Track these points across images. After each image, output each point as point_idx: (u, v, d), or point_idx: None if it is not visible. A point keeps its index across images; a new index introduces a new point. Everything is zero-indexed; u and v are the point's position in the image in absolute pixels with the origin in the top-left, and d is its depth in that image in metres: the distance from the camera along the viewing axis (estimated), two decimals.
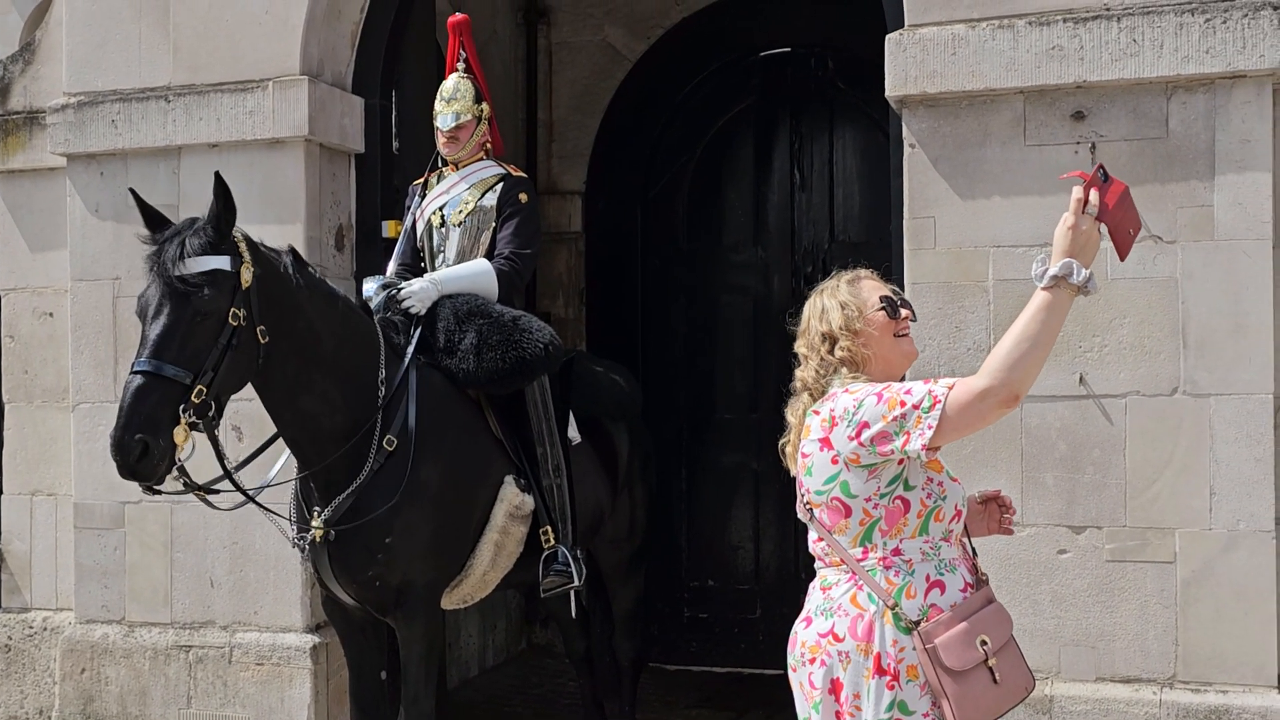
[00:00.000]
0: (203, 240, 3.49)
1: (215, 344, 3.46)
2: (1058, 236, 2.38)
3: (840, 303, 2.60)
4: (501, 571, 4.10)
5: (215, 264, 3.48)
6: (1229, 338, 3.95)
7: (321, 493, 3.87)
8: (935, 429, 2.38)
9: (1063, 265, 2.35)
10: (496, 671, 6.52)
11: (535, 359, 4.11)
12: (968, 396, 2.37)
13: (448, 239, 4.44)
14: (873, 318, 2.59)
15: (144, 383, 3.38)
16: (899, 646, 2.45)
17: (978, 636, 2.44)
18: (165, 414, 3.38)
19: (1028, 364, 2.35)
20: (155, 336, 3.42)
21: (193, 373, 3.42)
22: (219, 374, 3.48)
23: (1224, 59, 3.90)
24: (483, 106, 4.48)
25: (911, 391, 2.43)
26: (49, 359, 5.48)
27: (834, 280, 2.66)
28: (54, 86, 5.32)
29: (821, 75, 6.57)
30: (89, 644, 5.09)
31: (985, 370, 2.37)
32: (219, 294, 3.46)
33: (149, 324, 3.45)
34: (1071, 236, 2.36)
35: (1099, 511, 4.05)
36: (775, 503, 6.60)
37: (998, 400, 2.36)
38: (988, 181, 4.15)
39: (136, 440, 3.34)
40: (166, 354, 3.40)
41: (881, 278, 2.71)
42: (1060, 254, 2.36)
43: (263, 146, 4.89)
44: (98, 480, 5.03)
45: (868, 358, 2.58)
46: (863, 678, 2.47)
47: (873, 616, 2.48)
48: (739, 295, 6.72)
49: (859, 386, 2.52)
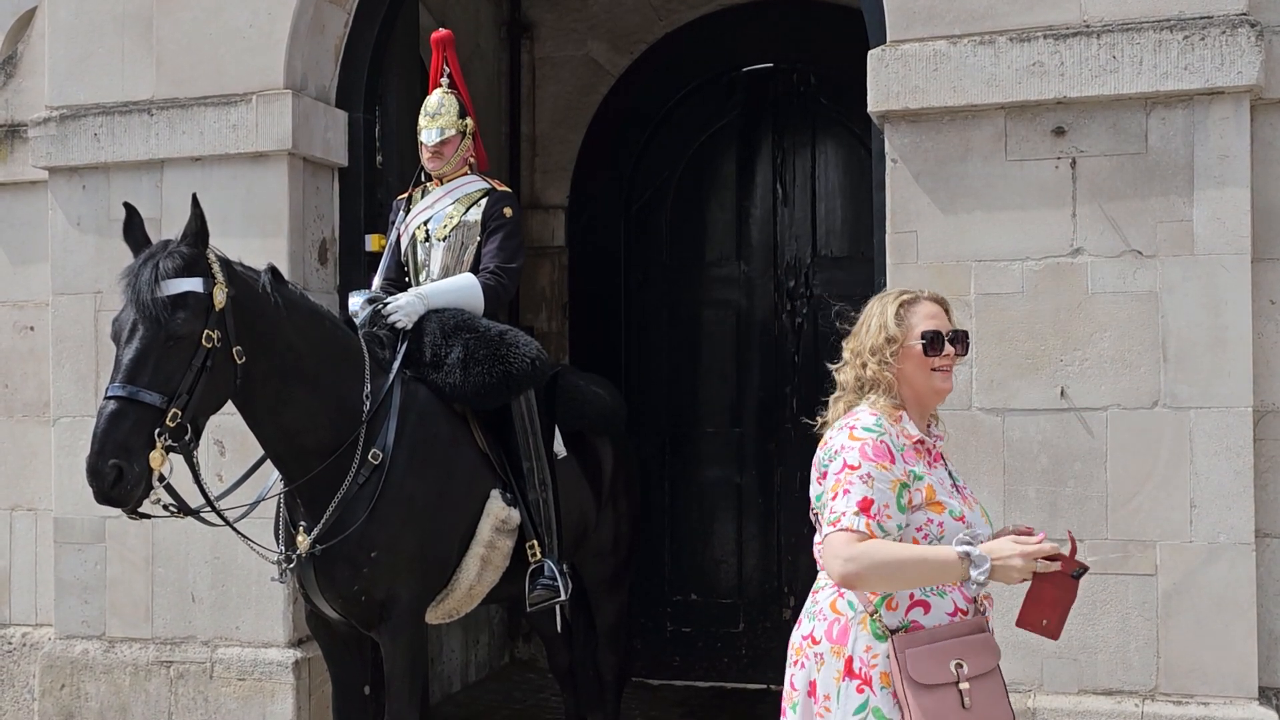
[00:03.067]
0: (176, 263, 3.47)
1: (189, 367, 3.45)
2: (1007, 546, 2.44)
3: (883, 324, 2.62)
4: (487, 585, 4.09)
5: (188, 286, 3.47)
6: (1208, 351, 3.99)
7: (307, 507, 3.86)
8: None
9: (981, 561, 2.40)
10: (479, 686, 6.50)
11: (522, 373, 4.12)
12: (829, 556, 2.48)
13: (432, 253, 4.45)
14: (911, 348, 2.60)
15: (117, 408, 3.37)
16: (872, 652, 2.48)
17: (953, 658, 2.45)
18: (139, 439, 3.37)
19: (879, 584, 2.46)
20: (128, 361, 3.40)
21: (167, 396, 3.40)
22: (194, 397, 3.46)
23: (1202, 75, 3.94)
24: (467, 121, 4.50)
25: (834, 500, 2.49)
26: (30, 373, 5.45)
27: (893, 295, 2.68)
28: (36, 100, 5.31)
29: (804, 90, 6.61)
30: (69, 660, 5.05)
31: (856, 556, 2.43)
32: (192, 316, 3.45)
33: (122, 348, 3.44)
34: (1011, 567, 2.41)
35: (1081, 524, 4.07)
36: (758, 517, 6.62)
37: (835, 578, 2.49)
38: (969, 196, 4.18)
39: (111, 466, 3.33)
40: (140, 378, 3.38)
41: (944, 303, 2.70)
42: (993, 553, 2.42)
43: (246, 160, 4.89)
44: (78, 495, 4.98)
45: (897, 383, 2.61)
46: (834, 679, 2.51)
47: (849, 621, 2.53)
48: (722, 309, 6.75)
49: (850, 437, 2.54)
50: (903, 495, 2.51)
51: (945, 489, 2.60)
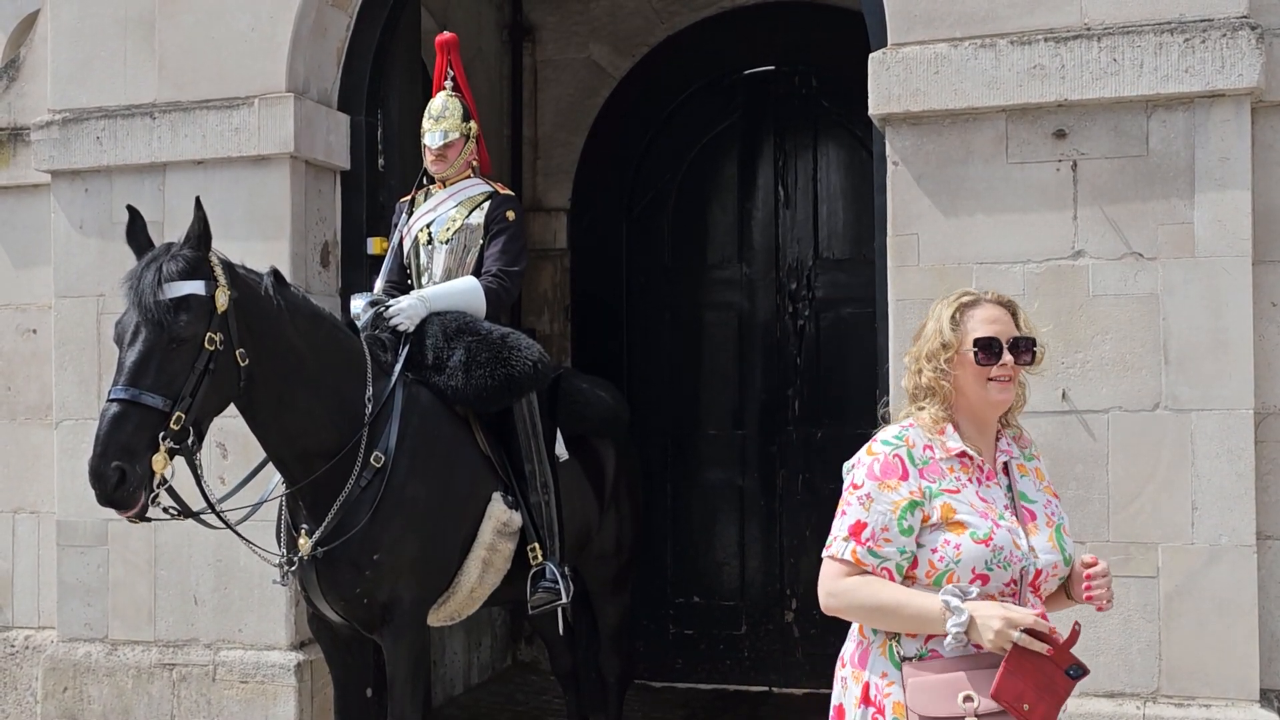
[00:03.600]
0: (178, 265, 3.47)
1: (192, 369, 3.45)
2: (992, 608, 2.31)
3: (939, 328, 2.47)
4: (489, 588, 4.10)
5: (190, 289, 3.47)
6: (1210, 353, 3.99)
7: (309, 510, 3.86)
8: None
9: (959, 613, 2.29)
10: (481, 689, 6.50)
11: (524, 376, 4.12)
12: (819, 583, 2.45)
13: (434, 256, 4.45)
14: (965, 355, 2.45)
15: (120, 410, 3.36)
16: (887, 679, 2.39)
17: (963, 691, 2.30)
18: (142, 441, 3.37)
19: (864, 621, 2.44)
20: (131, 363, 3.40)
21: (170, 399, 3.40)
22: (197, 399, 3.46)
23: (1203, 78, 3.94)
24: (470, 125, 4.50)
25: (835, 519, 2.45)
26: (32, 376, 5.46)
27: (954, 297, 2.52)
28: (38, 103, 5.31)
29: (805, 93, 6.62)
30: (71, 663, 5.06)
31: (837, 593, 2.41)
32: (194, 319, 3.45)
33: (125, 350, 3.44)
34: (988, 628, 2.28)
35: (1082, 526, 4.06)
36: (760, 519, 6.62)
37: (822, 608, 2.46)
38: (970, 199, 4.18)
39: (114, 469, 3.33)
40: (143, 381, 3.38)
41: (1011, 306, 2.51)
42: (976, 610, 2.30)
43: (248, 163, 4.89)
44: (81, 497, 4.98)
45: (953, 392, 2.46)
46: (854, 704, 2.44)
47: (869, 645, 2.45)
48: (724, 312, 6.75)
49: (867, 452, 2.47)
50: (908, 515, 2.38)
51: (975, 508, 2.41)
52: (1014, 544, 2.40)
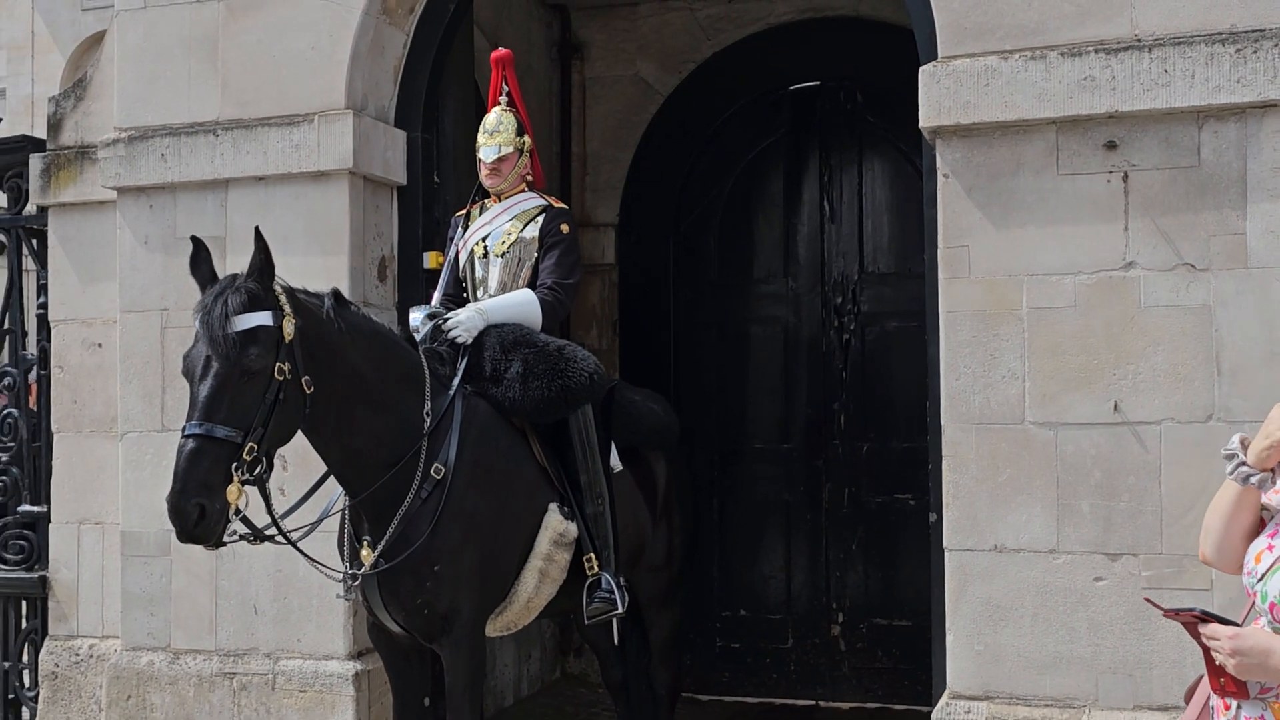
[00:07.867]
0: (244, 297, 3.51)
1: (263, 400, 3.49)
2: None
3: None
4: (545, 598, 4.13)
5: (258, 320, 3.51)
6: (1262, 365, 3.98)
7: (372, 523, 3.92)
8: None
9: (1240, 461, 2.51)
10: (531, 701, 6.55)
11: (580, 388, 4.17)
12: None
13: (490, 270, 4.51)
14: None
15: (196, 446, 3.40)
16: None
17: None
18: (218, 476, 3.41)
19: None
20: (204, 398, 3.44)
21: (243, 431, 3.44)
22: (268, 429, 3.51)
23: (1255, 89, 3.95)
24: (525, 139, 4.56)
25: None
26: (97, 389, 5.56)
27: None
28: (104, 122, 5.43)
29: (850, 108, 6.66)
30: (135, 671, 5.15)
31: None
32: (263, 351, 3.49)
33: (196, 385, 3.48)
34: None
35: (1135, 538, 4.07)
36: (806, 533, 6.64)
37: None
38: (1021, 211, 4.20)
39: (194, 505, 3.37)
40: (216, 415, 3.42)
41: None
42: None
43: (308, 179, 4.98)
44: (145, 508, 5.11)
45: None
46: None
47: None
48: (769, 326, 6.79)
49: None
50: None
51: None
52: None
